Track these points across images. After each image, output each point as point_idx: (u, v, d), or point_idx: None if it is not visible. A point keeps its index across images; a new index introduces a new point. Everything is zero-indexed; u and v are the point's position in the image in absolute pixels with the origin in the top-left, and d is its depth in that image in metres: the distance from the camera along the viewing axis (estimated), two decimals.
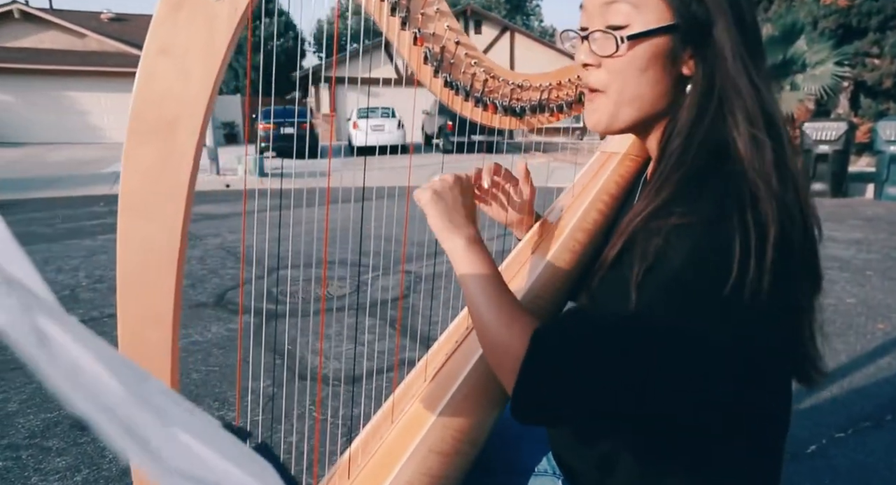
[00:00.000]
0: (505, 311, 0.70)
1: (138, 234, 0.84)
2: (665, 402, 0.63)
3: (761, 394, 0.68)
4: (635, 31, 0.66)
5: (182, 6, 0.80)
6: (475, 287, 0.72)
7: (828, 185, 8.60)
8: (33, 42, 21.00)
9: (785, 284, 0.61)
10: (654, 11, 0.65)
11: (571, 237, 0.87)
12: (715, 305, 0.58)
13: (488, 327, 0.70)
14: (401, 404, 0.86)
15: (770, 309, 0.60)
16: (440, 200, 0.77)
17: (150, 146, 0.81)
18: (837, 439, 2.18)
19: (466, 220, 0.78)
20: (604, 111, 0.72)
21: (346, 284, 4.17)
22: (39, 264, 4.82)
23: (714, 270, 0.58)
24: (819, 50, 10.51)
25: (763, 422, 0.70)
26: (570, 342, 0.63)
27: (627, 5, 0.65)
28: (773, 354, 0.66)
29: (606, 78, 0.70)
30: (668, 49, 0.66)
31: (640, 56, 0.66)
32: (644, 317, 0.59)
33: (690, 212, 0.59)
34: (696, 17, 0.65)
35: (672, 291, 0.59)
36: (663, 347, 0.59)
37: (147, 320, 0.86)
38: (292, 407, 2.46)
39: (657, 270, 0.59)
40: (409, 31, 0.83)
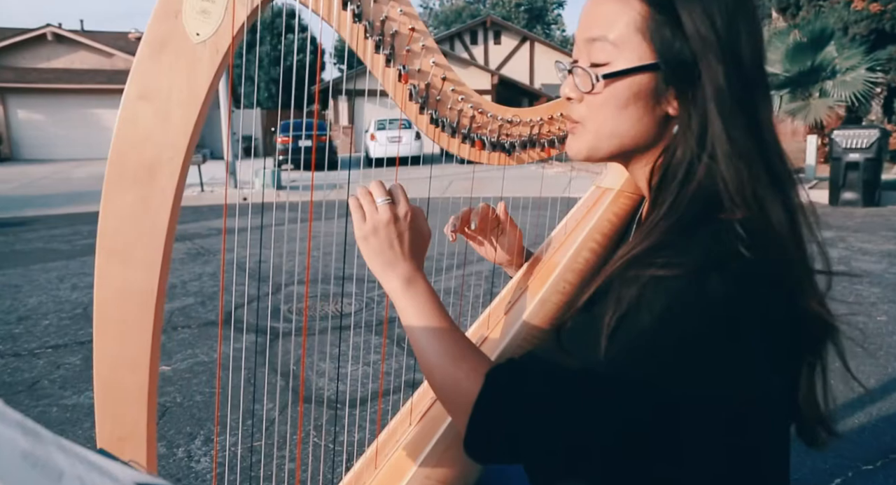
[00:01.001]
0: (451, 349, 0.69)
1: (116, 277, 0.83)
2: (622, 453, 0.60)
3: (742, 455, 0.64)
4: (614, 70, 0.64)
5: (164, 49, 0.80)
6: (418, 327, 0.71)
7: (859, 194, 8.35)
8: (64, 63, 21.76)
9: (764, 347, 0.59)
10: (635, 50, 0.63)
11: (561, 278, 0.85)
12: (679, 366, 0.57)
13: (436, 366, 0.69)
14: (385, 450, 0.85)
15: (745, 372, 0.59)
16: (367, 240, 0.73)
17: (129, 190, 0.81)
18: (865, 471, 2.06)
19: (403, 257, 0.73)
20: (583, 143, 0.70)
21: (354, 302, 4.13)
22: (54, 282, 4.88)
23: (683, 332, 0.56)
24: (850, 56, 10.30)
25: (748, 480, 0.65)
26: (526, 384, 0.62)
27: (608, 43, 0.64)
28: (754, 415, 0.63)
29: (586, 112, 0.68)
30: (650, 88, 0.64)
31: (619, 94, 0.65)
32: (611, 369, 0.58)
33: (670, 265, 0.57)
34: (680, 58, 0.62)
35: (638, 348, 0.57)
36: (618, 402, 0.58)
37: (123, 364, 0.85)
38: (293, 432, 2.41)
39: (627, 322, 0.58)
40: (394, 68, 0.82)
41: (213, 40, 0.79)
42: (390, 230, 0.73)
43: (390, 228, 0.73)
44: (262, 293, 4.34)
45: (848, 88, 9.97)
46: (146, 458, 0.88)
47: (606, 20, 0.64)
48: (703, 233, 0.59)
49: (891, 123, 13.04)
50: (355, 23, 0.81)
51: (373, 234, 0.73)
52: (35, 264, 5.54)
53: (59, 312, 4.11)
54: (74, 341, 3.52)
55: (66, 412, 2.65)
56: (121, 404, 0.86)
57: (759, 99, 0.63)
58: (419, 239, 0.76)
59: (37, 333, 3.70)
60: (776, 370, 0.62)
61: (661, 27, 0.62)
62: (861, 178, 8.32)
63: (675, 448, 0.60)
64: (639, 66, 0.63)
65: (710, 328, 0.56)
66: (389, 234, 0.73)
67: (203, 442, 2.37)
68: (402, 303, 0.72)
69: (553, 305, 0.83)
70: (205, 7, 0.79)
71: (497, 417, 0.62)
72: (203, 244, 6.33)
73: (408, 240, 0.74)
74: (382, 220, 0.73)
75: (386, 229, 0.73)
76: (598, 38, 0.65)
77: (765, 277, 0.57)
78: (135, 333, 0.84)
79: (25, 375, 3.06)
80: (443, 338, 0.69)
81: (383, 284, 0.74)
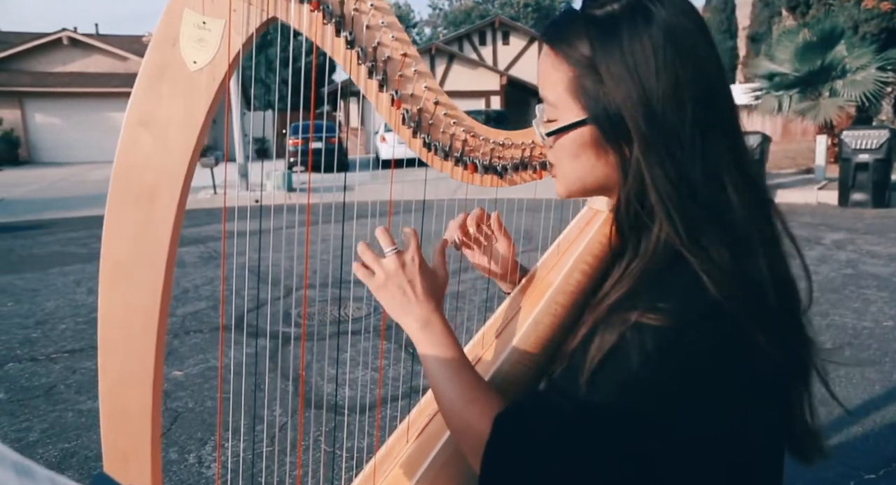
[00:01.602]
0: (465, 391, 0.71)
1: (119, 299, 0.86)
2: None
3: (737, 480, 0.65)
4: (555, 128, 0.69)
5: (163, 77, 0.82)
6: (434, 369, 0.74)
7: (869, 195, 8.29)
8: (80, 66, 22.08)
9: (755, 381, 0.61)
10: (570, 109, 0.67)
11: (553, 300, 0.86)
12: (670, 407, 0.59)
13: (450, 409, 0.72)
14: (383, 467, 0.87)
15: (734, 407, 0.61)
16: (380, 291, 0.77)
17: (131, 213, 0.85)
18: (868, 480, 2.05)
19: (418, 300, 0.76)
20: (560, 184, 0.75)
21: (363, 306, 4.16)
22: (71, 286, 4.96)
23: (670, 374, 0.58)
24: (860, 55, 10.19)
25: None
26: (533, 431, 0.64)
27: (550, 105, 0.69)
28: (749, 444, 0.64)
29: (553, 158, 0.74)
30: (592, 139, 0.67)
31: (568, 146, 0.69)
32: (599, 412, 0.60)
33: (652, 309, 0.59)
34: (607, 113, 0.64)
35: (628, 391, 0.59)
36: (617, 444, 0.60)
37: (127, 382, 0.88)
38: (301, 438, 2.44)
39: (615, 367, 0.60)
40: (387, 93, 0.84)
41: (209, 68, 0.82)
42: (400, 277, 0.76)
43: (399, 275, 0.76)
44: (272, 297, 4.38)
45: (858, 88, 9.87)
46: (150, 472, 0.91)
47: (547, 80, 0.68)
48: (676, 280, 0.60)
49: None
50: (348, 49, 0.83)
51: (384, 284, 0.76)
52: (53, 268, 5.63)
53: (76, 316, 4.18)
54: (90, 346, 3.58)
55: (81, 417, 2.70)
56: (125, 420, 0.89)
57: (708, 138, 0.61)
58: (433, 280, 0.78)
59: (53, 337, 3.76)
60: (767, 403, 0.64)
61: (587, 86, 0.64)
62: (871, 179, 8.25)
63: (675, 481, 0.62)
64: (573, 122, 0.66)
65: (698, 373, 0.58)
66: (400, 281, 0.76)
67: (214, 448, 2.41)
68: (418, 345, 0.75)
69: (545, 327, 0.84)
70: (201, 36, 0.81)
71: (505, 461, 0.65)
72: (216, 247, 6.40)
73: (420, 283, 0.76)
74: (391, 269, 0.76)
75: (396, 277, 0.76)
76: (544, 97, 0.70)
77: (740, 323, 0.58)
78: (137, 351, 0.87)
79: (42, 379, 3.12)
80: (457, 380, 0.72)
81: (402, 327, 0.77)
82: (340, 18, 0.82)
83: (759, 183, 0.65)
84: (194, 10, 0.80)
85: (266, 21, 0.82)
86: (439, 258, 0.82)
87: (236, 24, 0.81)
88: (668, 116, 0.61)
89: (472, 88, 21.84)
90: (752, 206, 0.62)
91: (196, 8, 0.80)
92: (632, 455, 0.60)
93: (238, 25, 0.81)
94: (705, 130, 0.61)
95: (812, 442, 0.70)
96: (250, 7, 0.81)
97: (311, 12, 0.81)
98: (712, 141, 0.62)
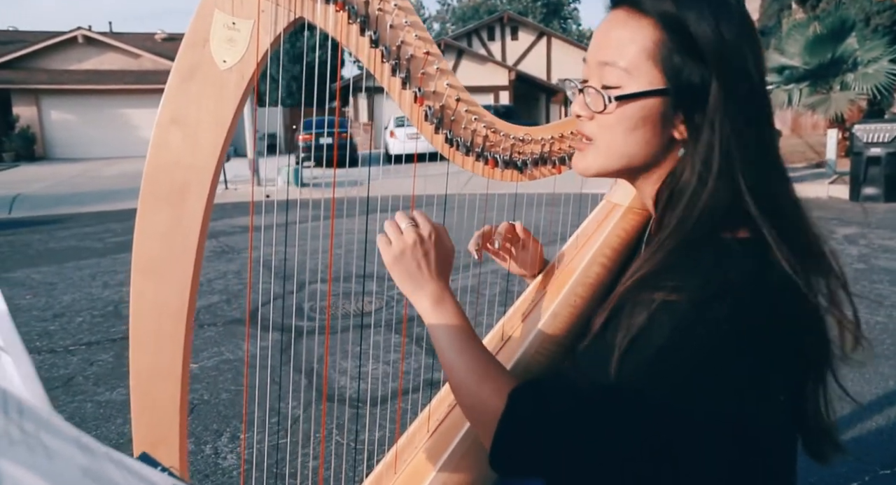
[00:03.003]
0: (477, 367, 0.72)
1: (150, 294, 0.89)
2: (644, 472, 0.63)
3: (751, 470, 0.66)
4: (625, 93, 0.66)
5: (193, 76, 0.85)
6: (445, 345, 0.74)
7: (881, 189, 8.20)
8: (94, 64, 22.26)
9: (773, 363, 0.61)
10: (645, 75, 0.65)
11: (572, 292, 0.87)
12: (694, 385, 0.59)
13: (461, 384, 0.72)
14: (404, 455, 0.89)
15: (755, 388, 0.61)
16: (400, 264, 0.77)
17: (161, 211, 0.87)
18: (882, 476, 2.05)
19: (431, 277, 0.77)
20: (592, 160, 0.72)
21: (374, 300, 4.20)
22: (87, 280, 5.03)
23: (692, 354, 0.59)
24: (872, 47, 10.08)
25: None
26: (547, 406, 0.64)
27: (620, 70, 0.66)
28: (764, 430, 0.65)
29: (597, 131, 0.70)
30: (660, 111, 0.66)
31: (629, 116, 0.67)
32: (623, 390, 0.60)
33: (679, 289, 0.60)
34: (688, 83, 0.64)
35: (653, 369, 0.60)
36: (637, 421, 0.60)
37: (157, 376, 0.91)
38: (316, 430, 2.47)
39: (640, 344, 0.60)
40: (410, 91, 0.86)
41: (238, 67, 0.85)
42: (417, 251, 0.76)
43: (416, 248, 0.76)
44: (286, 291, 4.42)
45: (870, 81, 9.76)
46: (179, 460, 0.94)
47: (619, 45, 0.66)
48: (706, 255, 0.62)
49: None
50: (372, 48, 0.85)
51: (400, 256, 0.76)
52: (69, 262, 5.71)
53: (92, 309, 4.24)
54: (107, 339, 3.63)
55: (99, 408, 2.75)
56: (155, 411, 0.91)
57: (765, 114, 0.65)
58: (445, 256, 0.79)
59: (71, 330, 3.83)
60: (783, 388, 0.64)
61: (672, 53, 0.64)
62: (883, 172, 8.16)
63: (687, 466, 0.63)
64: (649, 90, 0.65)
65: (715, 351, 0.59)
66: (416, 254, 0.76)
67: (229, 439, 2.45)
68: (431, 321, 0.76)
69: (565, 318, 0.86)
70: (231, 36, 0.84)
71: (519, 436, 0.65)
72: (228, 242, 6.46)
73: (434, 259, 0.77)
74: (408, 242, 0.76)
75: (412, 251, 0.76)
76: (610, 62, 0.67)
77: (766, 299, 0.60)
78: (168, 346, 0.89)
79: (61, 371, 3.18)
80: (469, 356, 0.72)
81: (414, 304, 0.77)
82: (365, 18, 0.84)
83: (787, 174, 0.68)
84: (224, 11, 0.83)
85: (293, 21, 0.84)
86: (446, 234, 0.82)
87: (265, 24, 0.83)
88: (753, 84, 0.64)
89: (480, 84, 21.77)
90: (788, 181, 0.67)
91: (226, 9, 0.83)
92: (648, 435, 0.60)
93: (266, 25, 0.83)
94: (769, 105, 0.66)
95: (827, 439, 0.70)
96: (278, 8, 0.83)
97: (337, 12, 0.84)
98: (770, 115, 0.66)
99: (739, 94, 0.63)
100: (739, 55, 0.63)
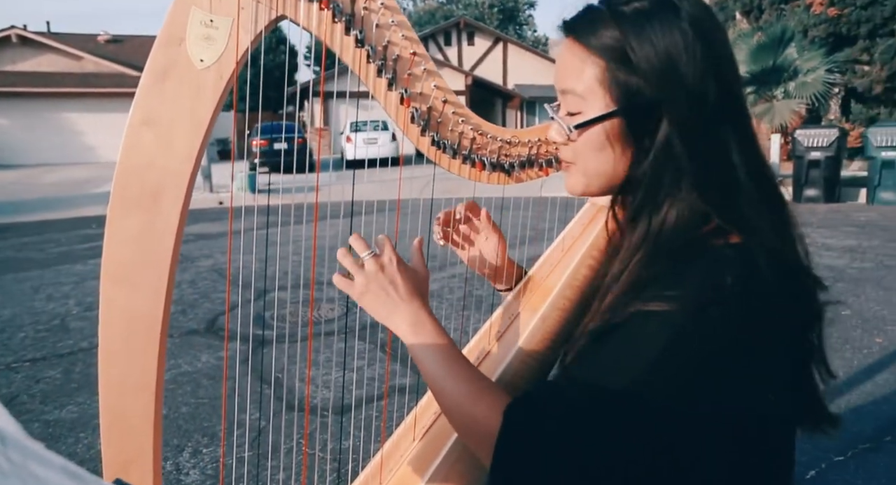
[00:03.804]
0: (467, 387, 0.70)
1: (122, 302, 0.84)
2: (646, 477, 0.62)
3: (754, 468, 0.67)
4: (582, 120, 0.68)
5: (168, 75, 0.80)
6: (432, 367, 0.71)
7: (821, 190, 8.67)
8: (31, 66, 21.23)
9: (771, 363, 0.62)
10: (599, 100, 0.67)
11: (561, 295, 0.87)
12: (695, 388, 0.59)
13: (452, 406, 0.70)
14: (389, 464, 0.86)
15: (755, 388, 0.61)
16: (366, 294, 0.75)
17: (134, 216, 0.82)
18: (837, 463, 2.14)
19: (403, 299, 0.75)
20: (576, 181, 0.74)
21: (336, 306, 4.13)
22: (28, 293, 4.78)
23: (694, 357, 0.59)
24: (810, 57, 10.60)
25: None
26: (545, 419, 0.63)
27: (577, 96, 0.68)
28: (765, 429, 0.65)
29: (572, 155, 0.72)
30: (620, 131, 0.67)
31: (594, 139, 0.69)
32: (622, 398, 0.60)
33: (669, 299, 0.60)
34: (638, 103, 0.65)
35: (652, 376, 0.59)
36: (637, 429, 0.60)
37: (129, 388, 0.86)
38: (280, 441, 2.41)
39: (638, 352, 0.60)
40: (396, 92, 0.84)
41: (216, 66, 0.81)
42: (381, 279, 0.74)
43: (380, 277, 0.74)
44: (244, 300, 4.31)
45: (809, 90, 10.28)
46: (153, 481, 0.89)
47: (574, 73, 0.68)
48: (698, 262, 0.62)
49: (848, 121, 13.45)
50: (358, 47, 0.83)
51: (365, 288, 0.74)
52: (7, 274, 5.41)
53: (36, 323, 4.03)
54: (53, 354, 3.46)
55: (48, 428, 2.61)
56: (127, 428, 0.86)
57: (729, 123, 0.65)
58: (415, 278, 0.77)
59: (13, 346, 3.62)
60: (782, 385, 0.65)
61: (618, 77, 0.65)
62: (822, 175, 8.63)
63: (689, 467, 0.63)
64: (602, 114, 0.67)
65: (714, 355, 0.59)
66: (382, 283, 0.74)
67: (191, 454, 2.36)
68: (412, 346, 0.73)
69: (553, 322, 0.85)
70: (209, 33, 0.80)
71: (519, 452, 0.64)
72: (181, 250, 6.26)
73: (402, 283, 0.75)
74: (371, 272, 0.74)
75: (377, 280, 0.74)
76: (569, 89, 0.69)
77: (762, 300, 0.60)
78: (140, 357, 0.85)
79: (3, 390, 3.00)
80: (458, 378, 0.70)
81: (393, 331, 0.75)
82: (350, 17, 0.81)
83: (769, 172, 0.68)
84: (202, 7, 0.79)
85: (274, 19, 0.81)
86: (417, 256, 0.80)
87: (244, 22, 0.80)
88: (706, 96, 0.63)
89: None
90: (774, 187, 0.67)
91: (203, 6, 0.79)
92: (646, 440, 0.60)
93: (246, 24, 0.80)
94: (728, 119, 0.65)
95: (822, 413, 0.71)
96: (259, 5, 0.80)
97: (321, 10, 0.81)
98: (742, 122, 0.66)
99: (693, 106, 0.63)
100: (688, 69, 0.63)
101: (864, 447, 2.22)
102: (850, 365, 2.98)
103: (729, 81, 0.66)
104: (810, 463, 2.14)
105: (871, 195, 8.59)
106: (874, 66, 12.86)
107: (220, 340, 3.61)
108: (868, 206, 8.50)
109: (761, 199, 0.66)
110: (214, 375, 3.11)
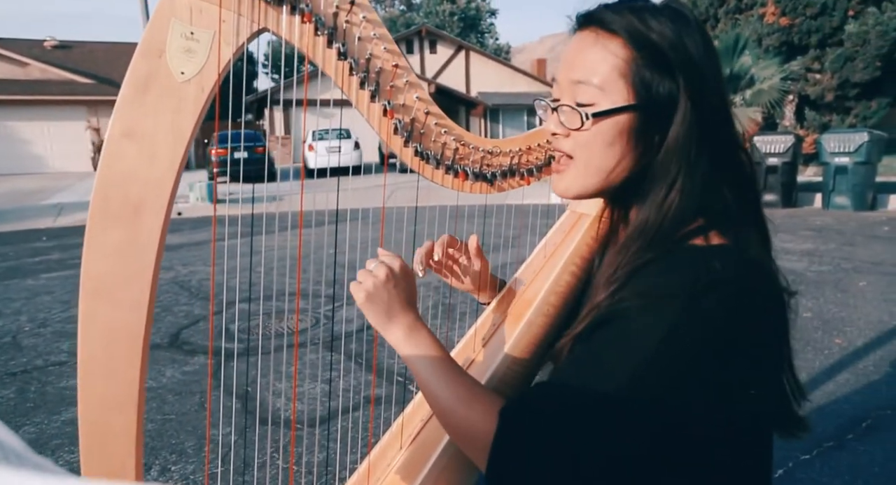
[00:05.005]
0: (461, 392, 0.71)
1: (103, 316, 0.82)
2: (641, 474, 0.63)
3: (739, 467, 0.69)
4: (599, 110, 0.68)
5: (149, 88, 0.79)
6: (425, 374, 0.73)
7: (778, 195, 8.93)
8: None
9: (763, 354, 0.64)
10: (618, 93, 0.68)
11: (545, 301, 0.88)
12: (689, 382, 0.60)
13: (447, 411, 0.71)
14: (376, 471, 0.85)
15: (748, 380, 0.63)
16: (374, 300, 0.78)
17: (115, 229, 0.81)
18: (803, 461, 2.21)
19: (403, 308, 0.78)
20: (572, 180, 0.74)
21: (307, 318, 4.07)
22: None
23: (689, 349, 0.60)
24: (766, 66, 10.99)
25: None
26: (540, 420, 0.64)
27: (594, 87, 0.69)
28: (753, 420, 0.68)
29: (574, 147, 0.72)
30: (632, 126, 0.68)
31: (605, 131, 0.69)
32: (616, 395, 0.60)
33: (660, 295, 0.62)
34: (657, 98, 0.67)
35: (647, 370, 0.60)
36: (633, 425, 0.61)
37: (110, 405, 0.84)
38: (254, 456, 2.36)
39: (633, 348, 0.61)
40: (379, 104, 0.84)
41: (197, 79, 0.80)
42: (388, 285, 0.78)
43: (388, 282, 0.78)
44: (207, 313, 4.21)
45: (765, 97, 10.65)
46: None
47: (592, 64, 0.69)
48: (686, 258, 0.64)
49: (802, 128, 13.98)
50: (340, 60, 0.83)
51: (374, 292, 0.77)
52: None
53: None
54: (5, 373, 3.31)
55: None
56: (108, 446, 0.84)
57: (728, 126, 0.70)
58: (411, 289, 0.81)
59: None
60: (772, 378, 0.68)
61: (642, 69, 0.67)
62: (780, 181, 8.90)
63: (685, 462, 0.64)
64: (622, 106, 0.68)
65: (708, 346, 0.60)
66: (388, 288, 0.78)
67: (160, 472, 2.29)
68: (406, 351, 0.75)
69: (538, 327, 0.86)
70: (189, 46, 0.79)
71: (515, 455, 0.64)
72: None
73: (403, 292, 0.79)
74: (381, 277, 0.78)
75: (385, 285, 0.77)
76: (583, 80, 0.69)
77: (748, 294, 0.62)
78: (122, 373, 0.83)
79: None
80: (451, 383, 0.72)
81: (386, 337, 0.78)
82: (332, 30, 0.81)
83: (756, 175, 0.73)
84: (182, 20, 0.78)
85: (256, 32, 0.81)
86: (408, 267, 0.83)
87: (226, 34, 0.79)
88: (722, 99, 0.68)
89: None
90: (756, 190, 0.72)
91: (184, 18, 0.78)
92: (642, 436, 0.61)
93: (228, 36, 0.79)
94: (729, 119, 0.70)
95: (795, 417, 0.74)
96: (240, 18, 0.79)
97: (303, 23, 0.81)
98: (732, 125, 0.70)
99: (706, 106, 0.67)
100: (705, 69, 0.67)
101: (828, 446, 2.29)
102: (811, 366, 3.08)
103: (723, 86, 0.70)
104: (779, 462, 2.20)
105: (826, 200, 8.87)
106: (825, 75, 13.41)
107: (184, 355, 3.52)
108: (823, 210, 8.77)
109: (749, 200, 0.70)
110: (181, 390, 3.03)
